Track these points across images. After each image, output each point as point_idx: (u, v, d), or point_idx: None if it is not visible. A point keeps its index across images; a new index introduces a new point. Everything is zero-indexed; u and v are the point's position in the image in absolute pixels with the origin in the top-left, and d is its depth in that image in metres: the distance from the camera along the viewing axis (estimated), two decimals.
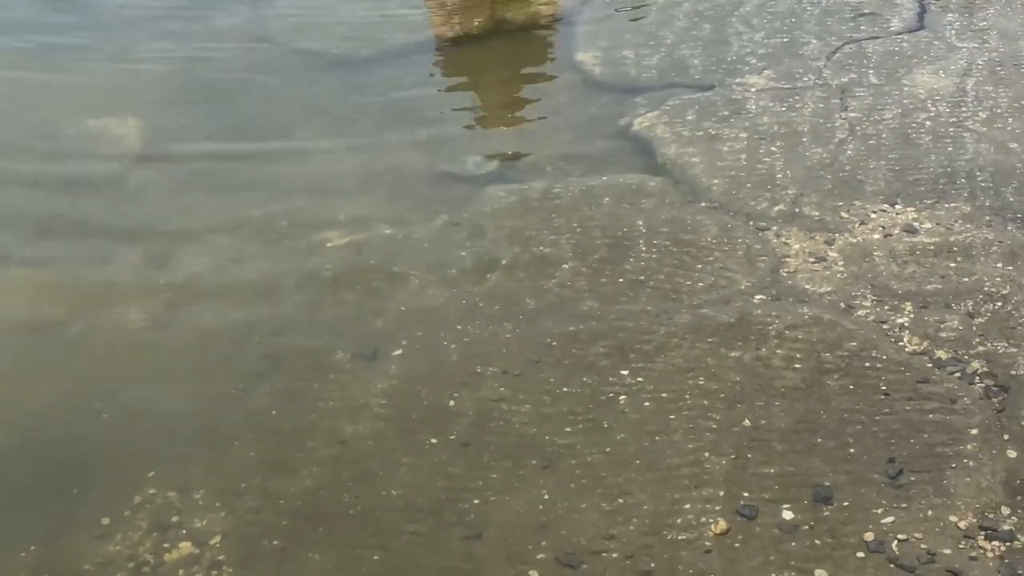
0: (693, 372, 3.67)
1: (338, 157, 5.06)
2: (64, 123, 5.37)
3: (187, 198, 4.78)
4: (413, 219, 4.56)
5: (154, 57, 5.98)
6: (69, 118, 5.39)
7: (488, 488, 3.29)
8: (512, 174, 4.86)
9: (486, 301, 4.06)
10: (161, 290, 4.22)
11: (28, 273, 4.33)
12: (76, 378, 3.82)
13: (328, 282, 4.22)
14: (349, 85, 5.66)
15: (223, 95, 5.62)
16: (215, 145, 5.20)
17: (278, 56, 5.96)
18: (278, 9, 6.44)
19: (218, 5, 6.48)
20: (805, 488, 3.23)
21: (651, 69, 5.57)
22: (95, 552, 3.15)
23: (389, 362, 3.80)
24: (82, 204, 4.74)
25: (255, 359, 3.85)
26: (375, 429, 3.53)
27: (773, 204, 4.48)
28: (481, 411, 3.57)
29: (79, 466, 3.46)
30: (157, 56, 5.99)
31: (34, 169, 4.99)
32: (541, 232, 4.40)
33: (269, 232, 4.53)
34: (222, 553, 3.12)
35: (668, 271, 4.15)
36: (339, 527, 3.19)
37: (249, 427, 3.56)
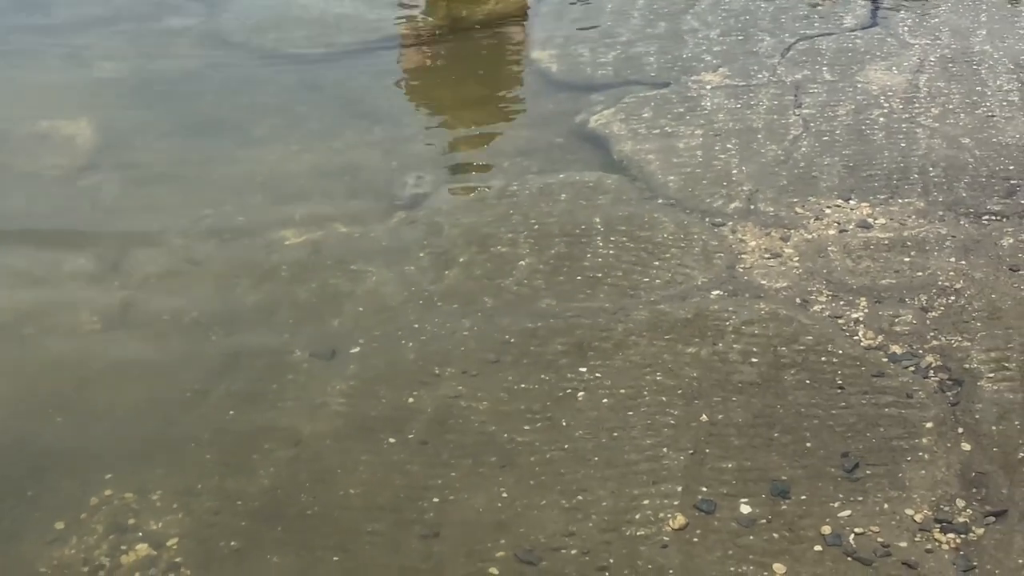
0: (651, 368, 3.69)
1: (294, 155, 5.03)
2: (15, 123, 5.30)
3: (141, 198, 4.74)
4: (370, 217, 4.54)
5: (107, 57, 5.93)
6: (20, 119, 5.33)
7: (447, 486, 3.29)
8: (469, 172, 4.86)
9: (444, 299, 4.06)
10: (115, 291, 4.18)
11: None
12: (28, 381, 3.77)
13: (285, 281, 4.19)
14: (305, 84, 5.64)
15: (177, 95, 5.58)
16: (169, 144, 5.15)
17: (233, 56, 5.92)
18: (233, 10, 6.40)
19: (172, 6, 6.44)
20: (763, 483, 3.25)
21: (607, 66, 5.58)
22: (50, 556, 3.11)
23: (347, 361, 3.79)
24: (34, 204, 4.69)
25: (212, 359, 3.82)
26: (333, 428, 3.51)
27: (729, 201, 4.51)
28: (440, 409, 3.56)
29: (32, 469, 3.41)
30: (110, 56, 5.94)
31: None
32: (498, 229, 4.40)
33: (224, 231, 4.50)
34: (180, 555, 3.09)
35: (625, 268, 4.16)
36: (297, 527, 3.18)
37: (206, 428, 3.52)
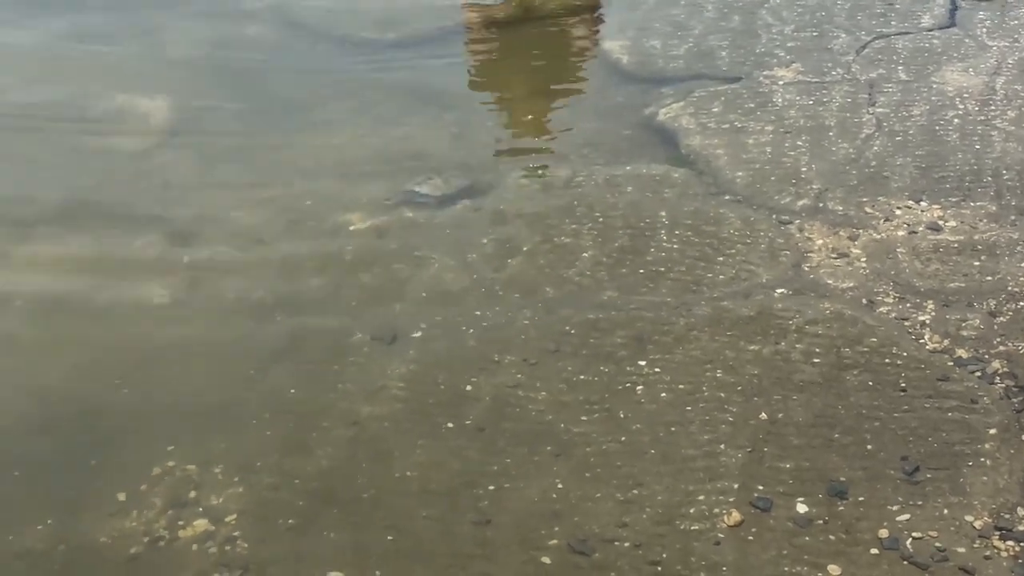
0: (711, 364, 3.67)
1: (362, 140, 5.06)
2: (92, 100, 5.39)
3: (211, 177, 4.80)
4: (425, 203, 4.56)
5: (182, 37, 6.00)
6: (99, 94, 5.41)
7: (502, 474, 3.30)
8: (536, 161, 4.86)
9: (506, 288, 4.06)
10: (184, 267, 4.24)
11: (53, 245, 4.35)
12: (98, 354, 3.84)
13: (349, 264, 4.23)
14: (375, 68, 5.66)
15: (249, 77, 5.63)
16: (240, 125, 5.22)
17: (306, 39, 5.97)
18: None
19: None
20: (820, 483, 3.22)
21: (678, 59, 5.55)
22: (111, 527, 3.16)
23: (407, 345, 3.81)
24: (109, 179, 4.77)
25: (275, 339, 3.86)
26: (391, 411, 3.54)
27: (797, 198, 4.47)
28: (497, 397, 3.57)
29: (96, 441, 3.48)
30: (185, 37, 6.00)
31: (63, 144, 5.02)
32: (563, 220, 4.40)
33: (292, 213, 4.54)
34: (238, 530, 3.13)
35: (689, 263, 4.14)
36: (353, 508, 3.20)
37: (267, 406, 3.57)
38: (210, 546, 3.10)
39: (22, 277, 4.21)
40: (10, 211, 4.55)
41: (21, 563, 3.07)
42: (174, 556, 3.08)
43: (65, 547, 3.11)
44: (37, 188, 4.71)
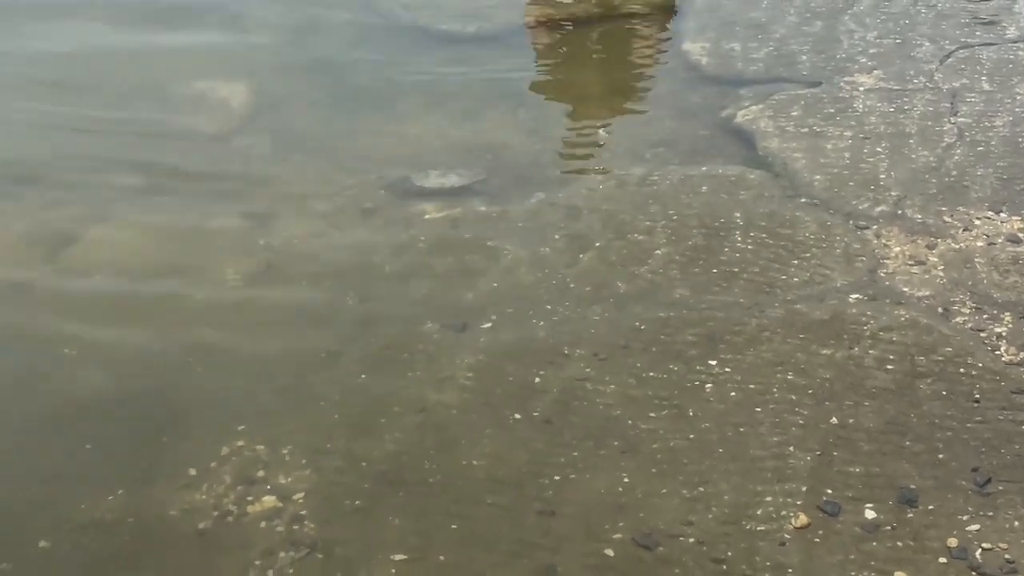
0: (782, 367, 3.64)
1: (439, 131, 5.09)
2: (174, 83, 5.47)
3: (288, 162, 4.85)
4: (509, 196, 4.58)
5: (264, 24, 6.08)
6: (179, 79, 5.49)
7: (569, 466, 3.30)
8: (611, 159, 4.85)
9: (577, 282, 4.06)
10: (260, 250, 4.28)
11: (134, 224, 4.42)
12: (173, 331, 3.89)
13: (422, 253, 4.25)
14: (454, 61, 5.69)
15: (330, 65, 5.69)
16: (319, 113, 5.27)
17: (386, 29, 6.02)
18: None
19: None
20: (890, 489, 3.19)
21: (758, 62, 5.52)
22: (181, 499, 3.21)
23: (478, 335, 3.82)
24: (189, 161, 4.84)
25: (346, 323, 3.89)
26: (460, 400, 3.55)
27: (875, 204, 4.42)
28: (566, 390, 3.57)
29: (170, 416, 3.52)
30: (267, 24, 6.08)
31: (145, 125, 5.11)
32: (636, 217, 4.39)
33: (367, 201, 4.58)
34: (305, 509, 3.16)
35: (763, 264, 4.11)
36: (419, 493, 3.22)
37: (337, 389, 3.60)
38: (277, 524, 3.12)
39: (100, 254, 4.28)
40: (90, 188, 4.63)
41: (93, 532, 3.11)
42: (242, 532, 3.11)
43: (135, 519, 3.15)
44: (117, 166, 4.79)
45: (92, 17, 6.11)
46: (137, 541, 3.09)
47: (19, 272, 4.16)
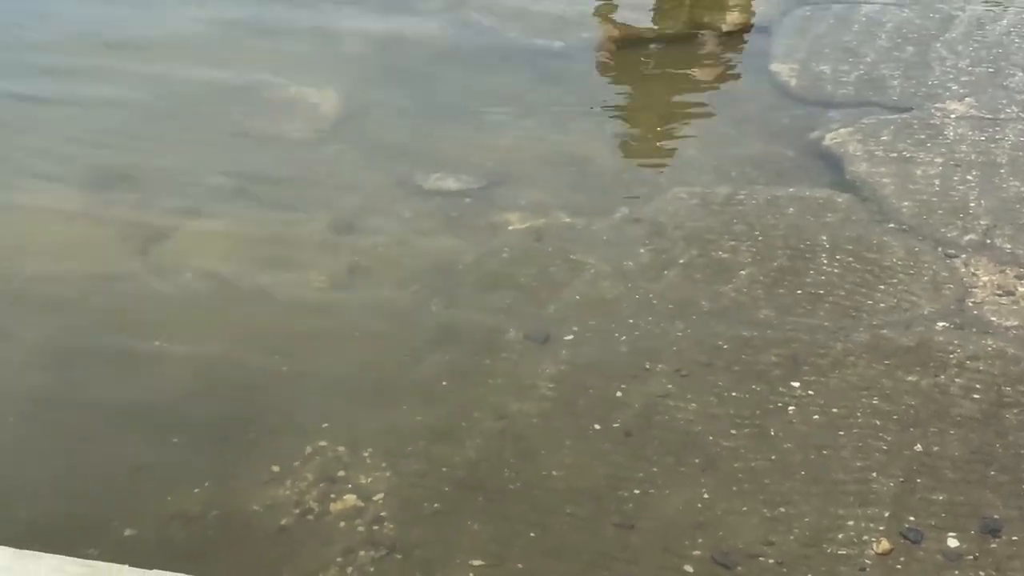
0: (867, 391, 3.61)
1: (525, 143, 5.12)
2: (266, 88, 5.55)
3: (375, 170, 4.90)
4: (594, 211, 4.58)
5: (355, 33, 6.13)
6: (271, 84, 5.57)
7: (648, 480, 3.29)
8: (696, 176, 4.84)
9: (660, 299, 4.06)
10: (345, 254, 4.33)
11: (222, 225, 4.49)
12: (259, 330, 3.95)
13: (506, 263, 4.27)
14: (543, 75, 5.71)
15: (419, 75, 5.73)
16: (406, 121, 5.31)
17: (476, 41, 6.05)
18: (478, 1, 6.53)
19: None
20: (974, 518, 3.15)
21: (848, 85, 5.48)
22: (264, 495, 3.25)
23: (560, 347, 3.83)
24: (278, 165, 4.91)
25: (429, 330, 3.92)
26: (541, 410, 3.56)
27: (964, 232, 4.37)
28: (647, 405, 3.57)
29: (255, 414, 3.57)
30: (359, 33, 6.14)
31: (237, 128, 5.18)
32: (722, 236, 4.38)
33: (452, 209, 4.61)
34: (385, 510, 3.19)
35: (849, 288, 4.08)
36: (498, 500, 3.24)
37: (419, 393, 3.63)
38: (358, 524, 3.16)
39: (190, 252, 4.35)
40: (182, 189, 4.72)
41: (177, 523, 3.17)
42: (323, 530, 3.14)
43: (219, 512, 3.20)
44: (208, 169, 4.87)
45: (191, 19, 6.22)
46: (220, 534, 3.13)
47: (112, 267, 4.24)
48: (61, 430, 3.52)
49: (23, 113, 5.34)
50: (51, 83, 5.56)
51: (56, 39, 6.01)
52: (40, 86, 5.52)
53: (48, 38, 6.02)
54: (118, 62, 5.74)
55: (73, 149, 5.00)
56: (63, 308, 4.04)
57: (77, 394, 3.67)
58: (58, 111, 5.33)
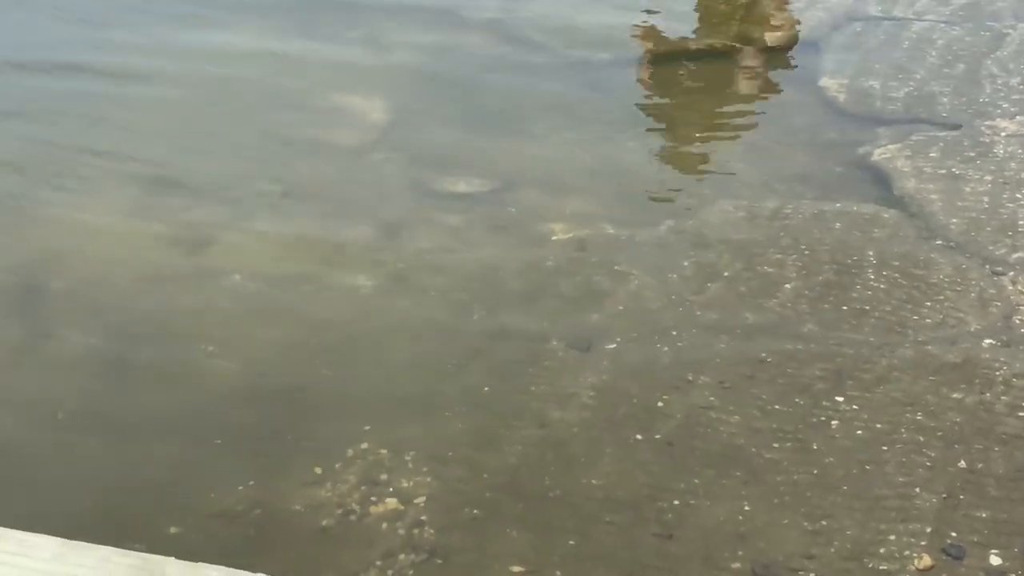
0: (911, 407, 3.59)
1: (571, 154, 5.13)
2: (314, 96, 5.60)
3: (421, 179, 4.91)
4: (638, 222, 4.58)
5: (404, 43, 6.17)
6: (319, 91, 5.63)
7: (689, 491, 3.29)
8: (742, 190, 4.83)
9: (704, 310, 4.06)
10: (389, 260, 4.36)
11: (272, 229, 4.53)
12: (304, 333, 3.98)
13: (549, 272, 4.28)
14: (589, 86, 5.72)
15: (466, 85, 5.76)
16: (452, 131, 5.33)
17: (523, 53, 6.07)
18: (529, 9, 6.55)
19: (471, 2, 6.64)
20: (1017, 536, 3.12)
21: (897, 102, 5.46)
22: (306, 496, 3.27)
23: (602, 356, 3.83)
24: (325, 171, 4.95)
25: (473, 336, 3.94)
26: (581, 418, 3.57)
27: (1013, 250, 4.34)
28: (689, 416, 3.57)
29: (298, 416, 3.60)
30: (407, 42, 6.18)
31: (285, 134, 5.23)
32: (767, 250, 4.37)
33: (497, 218, 4.63)
34: (425, 514, 3.20)
35: (895, 304, 4.06)
36: (538, 507, 3.24)
37: (461, 399, 3.64)
38: (399, 527, 3.17)
39: (239, 255, 4.39)
40: (230, 195, 4.76)
41: (219, 521, 3.20)
42: (364, 532, 3.16)
43: (261, 511, 3.23)
44: (256, 175, 4.91)
45: (237, 29, 6.29)
46: (263, 533, 3.16)
47: (160, 271, 4.29)
48: (108, 429, 3.56)
49: (84, 110, 5.43)
50: (107, 83, 5.65)
51: (120, 39, 6.10)
52: (96, 85, 5.62)
53: (111, 37, 6.11)
54: (173, 65, 5.82)
55: (126, 150, 5.06)
56: (112, 310, 4.10)
57: (124, 394, 3.71)
58: (115, 111, 5.40)
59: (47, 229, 4.53)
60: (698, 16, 6.53)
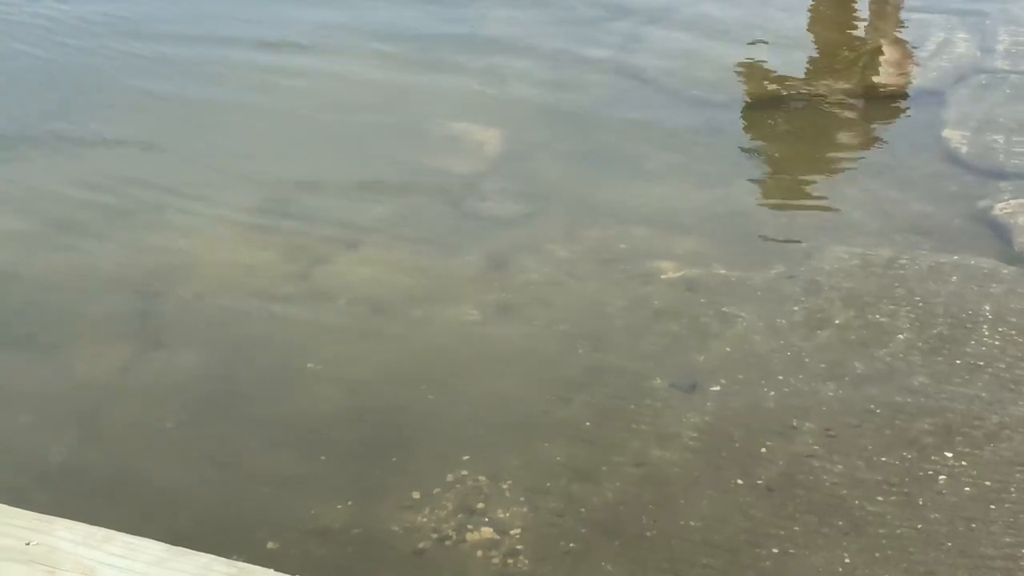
0: (1022, 467, 3.49)
1: (684, 193, 5.11)
2: (432, 123, 5.67)
3: (531, 209, 4.94)
4: (749, 264, 4.55)
5: (522, 76, 6.22)
6: (438, 119, 5.70)
7: (788, 539, 3.24)
8: (857, 237, 4.76)
9: (812, 357, 4.00)
10: (496, 290, 4.38)
11: (380, 255, 4.60)
12: (409, 358, 4.02)
13: (656, 310, 4.27)
14: (705, 126, 5.70)
15: (582, 120, 5.78)
16: (566, 165, 5.36)
17: (641, 91, 6.07)
18: (647, 48, 6.56)
19: (591, 39, 6.66)
20: None
21: (1021, 156, 5.33)
22: (403, 519, 3.30)
23: (706, 398, 3.81)
24: (438, 199, 5.00)
25: (577, 370, 3.94)
26: (682, 458, 3.54)
27: None
28: (792, 463, 3.52)
29: (399, 439, 3.64)
30: (525, 76, 6.22)
31: (401, 161, 5.31)
32: (880, 300, 4.30)
33: (605, 253, 4.63)
34: (520, 544, 3.21)
35: (1010, 361, 3.96)
36: (634, 545, 3.22)
37: (561, 432, 3.64)
38: (493, 556, 3.18)
39: (349, 279, 4.47)
40: (345, 217, 4.84)
41: (318, 538, 3.25)
42: (458, 558, 3.18)
43: (360, 530, 3.27)
44: (371, 199, 4.99)
45: (357, 53, 6.40)
46: (359, 553, 3.20)
47: (275, 288, 4.38)
48: (215, 439, 3.64)
49: (212, 121, 5.63)
50: (228, 101, 5.81)
51: (240, 58, 6.26)
52: (218, 101, 5.78)
53: (230, 54, 6.28)
54: (292, 87, 5.95)
55: (242, 169, 5.19)
56: (223, 325, 4.19)
57: (231, 407, 3.80)
58: (234, 130, 5.55)
59: (163, 243, 4.65)
60: (818, 58, 6.48)
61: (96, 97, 5.91)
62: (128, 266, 4.50)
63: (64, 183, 5.07)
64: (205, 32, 6.65)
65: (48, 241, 4.70)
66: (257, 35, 6.59)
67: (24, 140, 5.49)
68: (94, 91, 5.98)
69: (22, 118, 5.68)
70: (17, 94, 5.94)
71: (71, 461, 3.54)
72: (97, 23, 6.69)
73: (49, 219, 4.83)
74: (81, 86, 6.02)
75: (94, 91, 5.98)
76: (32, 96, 5.90)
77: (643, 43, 6.63)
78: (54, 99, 5.86)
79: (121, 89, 6.00)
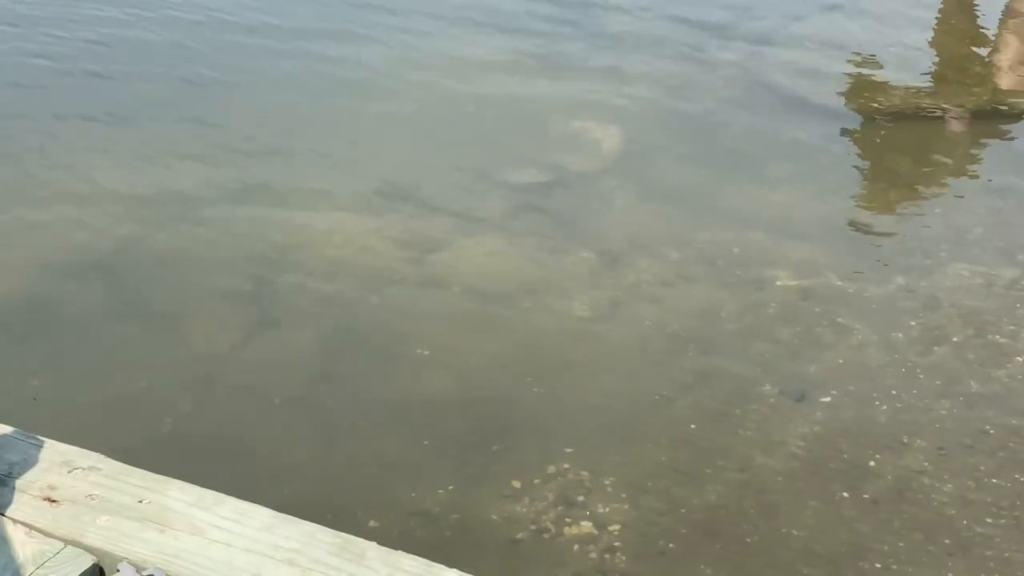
0: None
1: (804, 202, 5.04)
2: (553, 122, 5.68)
3: (648, 209, 4.93)
4: (867, 277, 4.47)
5: (646, 77, 6.20)
6: (559, 118, 5.70)
7: (891, 555, 3.18)
8: (980, 255, 4.65)
9: (927, 373, 3.92)
10: (608, 287, 4.38)
11: (493, 246, 4.62)
12: (517, 350, 4.04)
13: (769, 317, 4.22)
14: (830, 136, 5.62)
15: (704, 123, 5.75)
16: (685, 167, 5.32)
17: (767, 96, 6.01)
18: (774, 54, 6.49)
19: (717, 41, 6.62)
20: None
21: None
22: (503, 508, 3.32)
23: (815, 408, 3.75)
24: (555, 193, 5.01)
25: (684, 372, 3.92)
26: (787, 467, 3.50)
27: None
28: (900, 479, 3.46)
29: (503, 428, 3.65)
30: (649, 77, 6.20)
31: (520, 156, 5.32)
32: (1001, 319, 4.20)
33: (719, 258, 4.59)
34: (619, 541, 3.20)
35: None
36: (734, 550, 3.19)
37: (666, 433, 3.63)
38: (591, 550, 3.18)
39: (461, 268, 4.50)
40: (459, 209, 4.87)
41: (417, 520, 3.28)
42: (555, 550, 3.18)
43: (458, 516, 3.29)
44: (486, 190, 5.02)
45: (481, 46, 6.45)
46: (457, 537, 3.22)
47: (388, 274, 4.43)
48: (323, 418, 3.69)
49: (333, 116, 5.69)
50: (351, 87, 5.89)
51: (365, 51, 6.35)
52: (340, 89, 5.87)
53: (355, 47, 6.37)
54: (413, 78, 6.01)
55: (362, 158, 5.27)
56: (336, 306, 4.25)
57: (340, 387, 3.85)
58: (355, 118, 5.63)
59: (283, 224, 4.74)
60: (946, 73, 6.34)
61: (238, 95, 6.06)
62: (248, 246, 4.59)
63: (193, 162, 5.19)
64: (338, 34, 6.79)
65: (175, 215, 4.81)
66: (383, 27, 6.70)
67: (161, 113, 5.63)
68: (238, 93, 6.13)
69: (156, 93, 5.85)
70: (159, 69, 6.11)
71: (183, 427, 3.62)
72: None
73: (175, 194, 4.95)
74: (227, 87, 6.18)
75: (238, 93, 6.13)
76: (173, 76, 6.07)
77: (771, 49, 6.55)
78: (190, 80, 6.02)
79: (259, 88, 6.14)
